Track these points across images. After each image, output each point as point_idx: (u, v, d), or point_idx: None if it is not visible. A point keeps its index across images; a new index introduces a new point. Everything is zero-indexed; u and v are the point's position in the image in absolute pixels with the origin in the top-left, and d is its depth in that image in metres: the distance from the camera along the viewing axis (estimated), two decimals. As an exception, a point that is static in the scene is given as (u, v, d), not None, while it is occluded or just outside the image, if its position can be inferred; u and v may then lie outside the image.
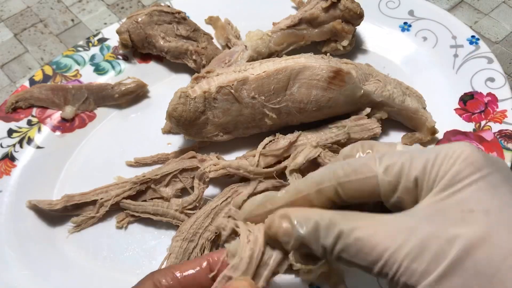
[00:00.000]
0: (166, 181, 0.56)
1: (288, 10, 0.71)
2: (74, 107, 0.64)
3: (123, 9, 0.79)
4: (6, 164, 0.59)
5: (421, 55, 0.67)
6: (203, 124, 0.57)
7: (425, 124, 0.59)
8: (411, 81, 0.63)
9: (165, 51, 0.66)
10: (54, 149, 0.62)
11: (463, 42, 0.66)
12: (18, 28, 0.77)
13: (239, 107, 0.56)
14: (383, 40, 0.69)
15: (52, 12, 0.78)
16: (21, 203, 0.57)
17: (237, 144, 0.61)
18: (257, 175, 0.55)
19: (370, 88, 0.58)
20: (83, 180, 0.59)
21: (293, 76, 0.55)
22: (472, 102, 0.62)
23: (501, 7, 0.75)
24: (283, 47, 0.65)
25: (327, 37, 0.66)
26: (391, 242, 0.31)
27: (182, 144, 0.62)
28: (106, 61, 0.68)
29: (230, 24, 0.70)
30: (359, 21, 0.65)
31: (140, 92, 0.66)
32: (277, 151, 0.56)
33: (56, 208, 0.55)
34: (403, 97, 0.59)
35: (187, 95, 0.55)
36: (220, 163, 0.55)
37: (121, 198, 0.55)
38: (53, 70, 0.67)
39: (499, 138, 0.58)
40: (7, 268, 0.53)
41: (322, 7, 0.64)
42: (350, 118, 0.58)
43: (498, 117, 0.60)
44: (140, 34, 0.66)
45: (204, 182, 0.55)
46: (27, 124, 0.63)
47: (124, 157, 0.61)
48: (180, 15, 0.67)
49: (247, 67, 0.56)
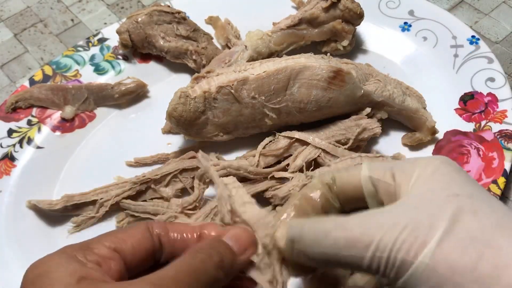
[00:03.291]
0: (166, 181, 0.56)
1: (288, 10, 0.71)
2: (74, 107, 0.64)
3: (123, 9, 0.78)
4: (6, 164, 0.59)
5: (421, 55, 0.67)
6: (203, 124, 0.57)
7: (425, 124, 0.59)
8: (411, 81, 0.63)
9: (165, 51, 0.66)
10: (54, 149, 0.62)
11: (463, 42, 0.66)
12: (18, 28, 0.76)
13: (239, 107, 0.56)
14: (383, 40, 0.69)
15: (52, 12, 0.78)
16: (21, 203, 0.57)
17: (237, 144, 0.61)
18: (257, 175, 0.55)
19: (370, 88, 0.58)
20: (83, 180, 0.59)
21: (293, 76, 0.55)
22: (472, 102, 0.62)
23: (501, 7, 0.75)
24: (283, 47, 0.65)
25: (327, 37, 0.66)
26: (381, 226, 0.31)
27: (182, 144, 0.62)
28: (106, 61, 0.68)
29: (230, 24, 0.70)
30: (359, 21, 0.65)
31: (140, 92, 0.66)
32: (277, 151, 0.56)
33: (56, 208, 0.55)
34: (403, 97, 0.59)
35: (187, 95, 0.55)
36: (220, 163, 0.55)
37: (121, 198, 0.55)
38: (53, 70, 0.67)
39: (499, 138, 0.58)
40: (7, 268, 0.53)
41: (322, 7, 0.64)
42: (350, 118, 0.58)
43: (498, 117, 0.60)
44: (140, 34, 0.66)
45: (204, 182, 0.55)
46: (27, 124, 0.63)
47: (124, 157, 0.61)
48: (180, 15, 0.67)
49: (247, 67, 0.56)
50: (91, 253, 0.32)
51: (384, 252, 0.30)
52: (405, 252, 0.30)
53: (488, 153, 0.57)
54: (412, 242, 0.30)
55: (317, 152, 0.56)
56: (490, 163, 0.56)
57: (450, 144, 0.59)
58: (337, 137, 0.57)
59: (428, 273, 0.29)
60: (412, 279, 0.30)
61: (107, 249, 0.32)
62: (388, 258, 0.30)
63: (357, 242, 0.31)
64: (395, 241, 0.30)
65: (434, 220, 0.30)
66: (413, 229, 0.30)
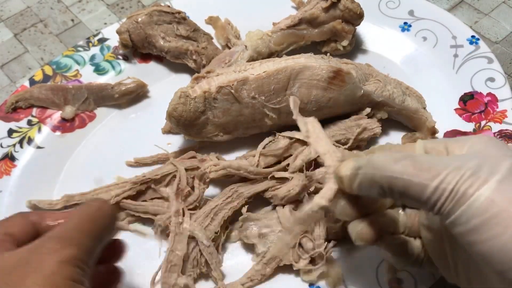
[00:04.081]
0: (166, 181, 0.56)
1: (288, 10, 0.71)
2: (74, 107, 0.64)
3: (123, 9, 0.79)
4: (6, 164, 0.59)
5: (421, 55, 0.67)
6: (203, 124, 0.57)
7: (425, 124, 0.59)
8: (411, 81, 0.64)
9: (165, 51, 0.66)
10: (54, 149, 0.62)
11: (463, 42, 0.66)
12: (18, 28, 0.77)
13: (239, 107, 0.56)
14: (383, 40, 0.69)
15: (52, 12, 0.78)
16: (21, 203, 0.57)
17: (237, 144, 0.61)
18: (257, 175, 0.55)
19: (370, 88, 0.58)
20: (83, 180, 0.59)
21: (293, 76, 0.55)
22: (472, 102, 0.62)
23: (501, 7, 0.75)
24: (283, 47, 0.65)
25: (327, 37, 0.66)
26: (448, 164, 0.34)
27: (182, 144, 0.62)
28: (106, 61, 0.68)
29: (230, 24, 0.70)
30: (359, 21, 0.65)
31: (140, 92, 0.66)
32: (277, 151, 0.56)
33: (56, 208, 0.55)
34: (403, 97, 0.59)
35: (187, 95, 0.55)
36: (220, 164, 0.55)
37: (121, 198, 0.55)
38: (53, 70, 0.67)
39: (499, 138, 0.58)
40: (7, 268, 0.53)
41: (322, 7, 0.64)
42: (350, 118, 0.58)
43: (498, 117, 0.60)
44: (140, 34, 0.66)
45: (204, 182, 0.55)
46: (27, 124, 0.63)
47: (124, 157, 0.61)
48: (180, 15, 0.67)
49: (247, 67, 0.56)
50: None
51: (449, 184, 0.33)
52: (468, 186, 0.32)
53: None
54: (474, 179, 0.32)
55: (317, 152, 0.56)
56: (490, 163, 0.56)
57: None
58: (337, 137, 0.57)
59: (487, 204, 0.31)
60: (469, 211, 0.32)
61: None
62: (452, 190, 0.33)
63: (425, 171, 0.34)
64: (460, 177, 0.33)
65: (494, 167, 0.33)
66: (477, 170, 0.33)
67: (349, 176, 0.37)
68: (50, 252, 0.34)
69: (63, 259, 0.34)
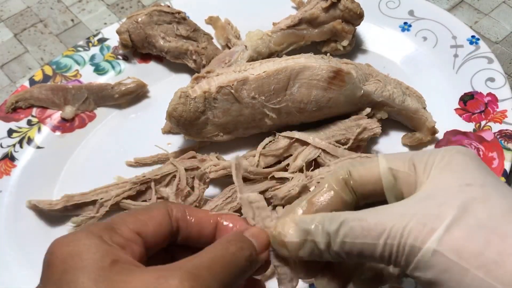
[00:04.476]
0: (166, 181, 0.56)
1: (288, 10, 0.71)
2: (74, 107, 0.64)
3: (123, 9, 0.79)
4: (6, 164, 0.59)
5: (421, 55, 0.67)
6: (203, 124, 0.57)
7: (425, 124, 0.59)
8: (411, 81, 0.63)
9: (165, 51, 0.66)
10: (54, 149, 0.62)
11: (463, 42, 0.66)
12: (18, 28, 0.76)
13: (239, 107, 0.56)
14: (383, 40, 0.69)
15: (52, 12, 0.78)
16: (21, 203, 0.57)
17: (237, 144, 0.61)
18: (257, 175, 0.55)
19: (370, 88, 0.58)
20: (83, 180, 0.59)
21: (293, 76, 0.55)
22: (472, 102, 0.62)
23: (501, 7, 0.75)
24: (283, 47, 0.65)
25: (327, 37, 0.66)
26: (393, 216, 0.32)
27: (182, 144, 0.62)
28: (106, 61, 0.68)
29: (230, 24, 0.70)
30: (359, 21, 0.65)
31: (140, 92, 0.66)
32: (277, 151, 0.56)
33: (56, 208, 0.55)
34: (403, 97, 0.59)
35: (187, 95, 0.55)
36: (220, 164, 0.55)
37: (121, 198, 0.55)
38: (53, 70, 0.67)
39: (499, 138, 0.58)
40: (7, 268, 0.53)
41: (322, 7, 0.64)
42: (350, 118, 0.58)
43: (498, 117, 0.60)
44: (140, 34, 0.66)
45: (204, 182, 0.55)
46: (27, 124, 0.63)
47: (124, 157, 0.61)
48: (180, 15, 0.67)
49: (247, 67, 0.56)
50: (115, 234, 0.31)
51: (394, 239, 0.31)
52: (414, 239, 0.30)
53: (488, 153, 0.57)
54: (420, 229, 0.30)
55: (317, 152, 0.56)
56: (490, 163, 0.56)
57: (450, 144, 0.59)
58: (337, 137, 0.57)
59: (436, 258, 0.30)
60: (421, 265, 0.30)
61: (130, 232, 0.32)
62: (398, 245, 0.31)
63: (371, 230, 0.32)
64: (404, 228, 0.31)
65: (443, 209, 0.31)
66: (423, 217, 0.31)
67: (297, 243, 0.34)
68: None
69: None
